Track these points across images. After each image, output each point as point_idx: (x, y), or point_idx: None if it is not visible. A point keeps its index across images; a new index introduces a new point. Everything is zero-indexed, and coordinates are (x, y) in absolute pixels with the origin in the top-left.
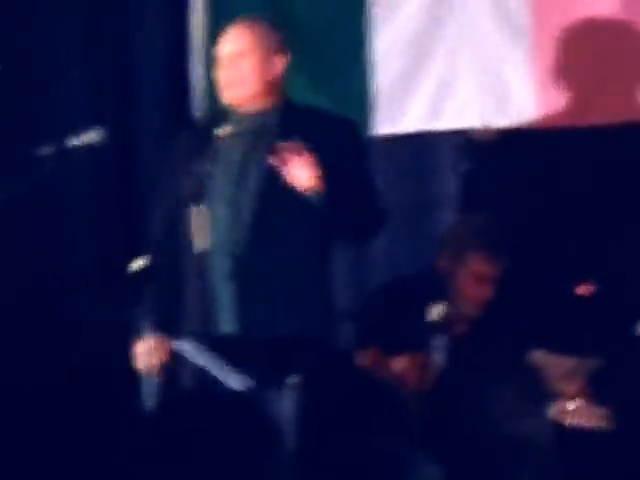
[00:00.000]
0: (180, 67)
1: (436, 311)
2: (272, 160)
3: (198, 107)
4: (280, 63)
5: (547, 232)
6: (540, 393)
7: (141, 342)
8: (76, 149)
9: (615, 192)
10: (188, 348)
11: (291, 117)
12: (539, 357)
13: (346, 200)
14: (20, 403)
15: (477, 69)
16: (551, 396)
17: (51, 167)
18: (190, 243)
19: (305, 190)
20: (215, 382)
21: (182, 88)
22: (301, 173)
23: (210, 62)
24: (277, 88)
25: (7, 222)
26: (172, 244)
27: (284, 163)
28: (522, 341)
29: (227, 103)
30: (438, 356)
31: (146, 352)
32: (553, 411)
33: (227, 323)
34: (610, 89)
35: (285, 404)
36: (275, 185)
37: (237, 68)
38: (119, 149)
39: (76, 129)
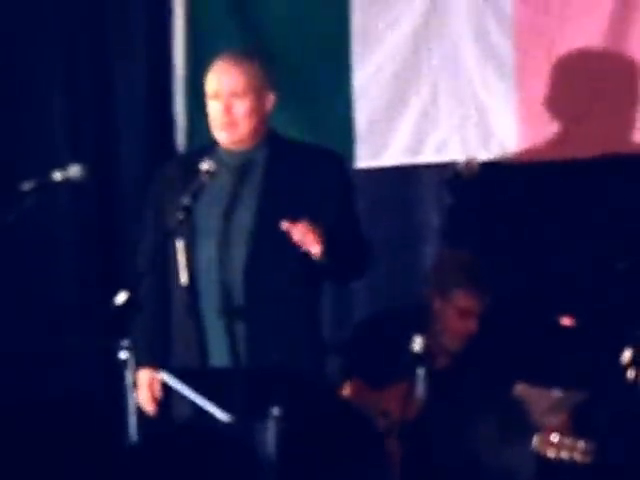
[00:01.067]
0: (162, 101)
1: (418, 343)
2: (284, 226)
3: (181, 140)
4: (270, 101)
5: (529, 264)
6: (522, 425)
7: (130, 374)
8: (58, 184)
9: (597, 224)
10: (175, 380)
11: (277, 151)
12: (522, 390)
13: (341, 242)
14: (2, 432)
15: (459, 102)
16: (534, 428)
17: (33, 201)
18: (175, 276)
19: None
20: (201, 413)
21: (164, 122)
22: (306, 241)
23: (192, 95)
24: (264, 126)
25: None
26: (157, 277)
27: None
28: (505, 372)
29: (219, 142)
30: (421, 388)
31: (136, 384)
32: (536, 443)
33: (215, 356)
34: (591, 122)
35: (268, 435)
36: (264, 222)
37: (231, 109)
38: (100, 184)
39: (58, 164)
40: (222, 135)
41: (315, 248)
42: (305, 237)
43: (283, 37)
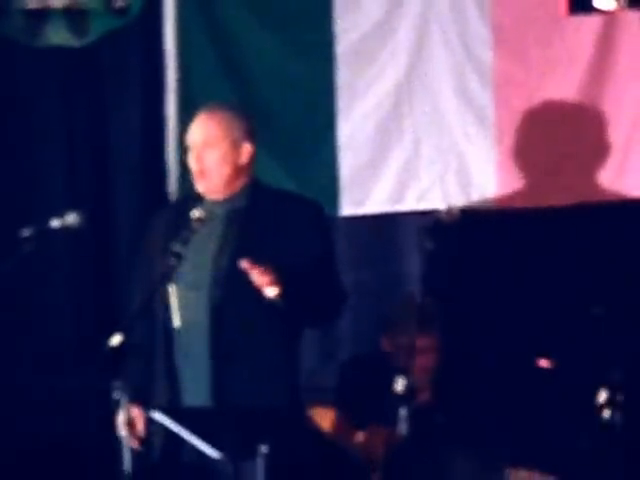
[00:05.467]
0: (155, 151)
1: (400, 383)
2: (243, 264)
3: (173, 189)
4: (247, 151)
5: (507, 307)
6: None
7: (121, 413)
8: (56, 231)
9: (574, 269)
10: (164, 418)
11: (259, 200)
12: (516, 476)
13: (307, 288)
14: (5, 467)
15: (440, 152)
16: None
17: (32, 247)
18: (163, 320)
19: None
20: (189, 451)
21: (157, 172)
22: (262, 283)
23: (184, 146)
24: (245, 173)
25: None
26: (148, 321)
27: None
28: (482, 410)
29: (199, 191)
30: (403, 426)
31: (125, 422)
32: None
33: (199, 397)
34: (568, 171)
35: (257, 473)
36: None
37: (204, 159)
38: (96, 231)
39: (56, 212)
40: (199, 185)
41: (270, 290)
42: (261, 278)
43: (270, 89)
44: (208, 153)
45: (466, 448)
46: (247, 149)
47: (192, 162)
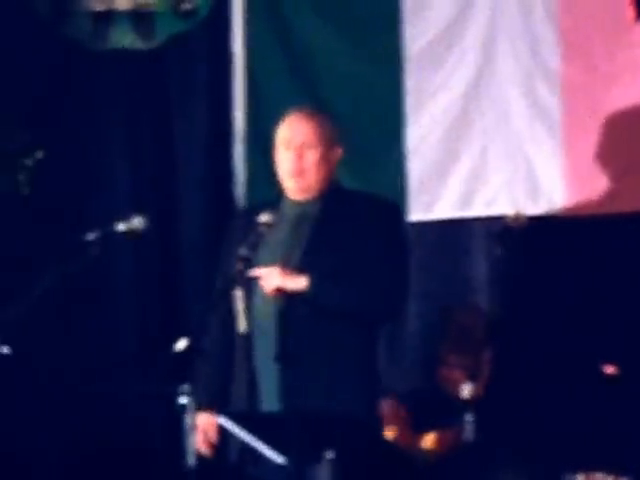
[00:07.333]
0: (222, 154)
1: (467, 389)
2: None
3: (239, 193)
4: (337, 154)
5: (575, 314)
6: None
7: (190, 418)
8: (121, 234)
9: None
10: (233, 424)
11: (336, 201)
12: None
13: (353, 287)
14: (75, 468)
15: (508, 158)
16: None
17: (97, 251)
18: (234, 325)
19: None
20: (257, 457)
21: (224, 175)
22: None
23: (251, 149)
24: (330, 177)
25: (55, 304)
26: (221, 326)
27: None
28: (541, 418)
29: (286, 190)
30: (469, 432)
31: (196, 428)
32: None
33: (270, 402)
34: (635, 177)
35: (322, 478)
36: (315, 269)
37: (302, 157)
38: (161, 235)
39: (121, 215)
40: (291, 183)
41: (298, 282)
42: (284, 279)
43: (338, 94)
44: (308, 153)
45: (516, 461)
46: (338, 151)
47: (289, 161)
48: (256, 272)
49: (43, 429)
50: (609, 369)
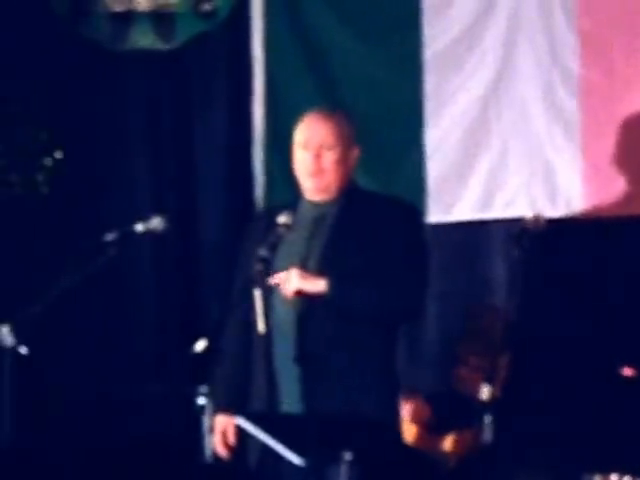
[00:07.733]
0: (242, 156)
1: (486, 392)
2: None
3: (259, 194)
4: (355, 155)
5: (593, 316)
6: None
7: (207, 420)
8: (140, 235)
9: None
10: (250, 425)
11: (354, 202)
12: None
13: (370, 288)
14: (93, 468)
15: (527, 160)
16: None
17: (117, 251)
18: (253, 325)
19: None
20: (275, 457)
21: (243, 176)
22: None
23: (271, 151)
24: (348, 178)
25: (74, 304)
26: (238, 325)
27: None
28: (558, 420)
29: (305, 190)
30: (487, 433)
31: (214, 429)
32: None
33: (291, 403)
34: None
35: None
36: (334, 271)
37: (320, 157)
38: (181, 235)
39: (141, 216)
40: (309, 183)
41: (317, 285)
42: (303, 281)
43: (358, 95)
44: (326, 153)
45: (534, 463)
46: (356, 152)
47: (307, 161)
48: (275, 278)
49: (62, 429)
50: (627, 371)
